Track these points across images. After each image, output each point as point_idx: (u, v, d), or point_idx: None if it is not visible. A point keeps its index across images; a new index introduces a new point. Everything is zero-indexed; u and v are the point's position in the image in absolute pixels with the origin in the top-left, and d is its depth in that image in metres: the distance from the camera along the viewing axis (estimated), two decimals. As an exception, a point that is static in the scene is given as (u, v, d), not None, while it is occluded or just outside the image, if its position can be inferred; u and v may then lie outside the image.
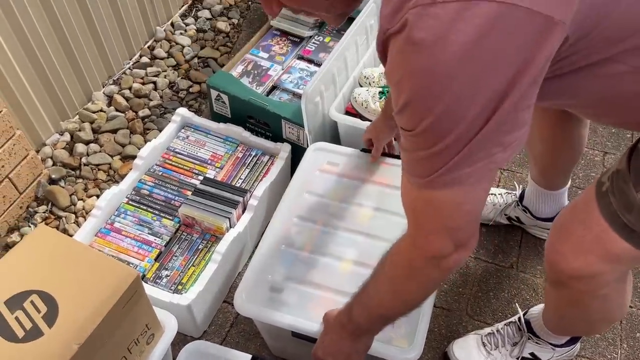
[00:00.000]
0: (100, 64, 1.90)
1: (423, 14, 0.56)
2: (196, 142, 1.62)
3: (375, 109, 1.56)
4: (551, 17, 0.56)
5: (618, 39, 0.66)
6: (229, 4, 2.30)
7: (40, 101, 1.69)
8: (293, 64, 1.83)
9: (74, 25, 1.72)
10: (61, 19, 1.67)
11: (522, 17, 0.56)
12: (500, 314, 1.43)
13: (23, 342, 0.87)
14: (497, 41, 0.57)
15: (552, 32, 0.58)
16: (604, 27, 0.64)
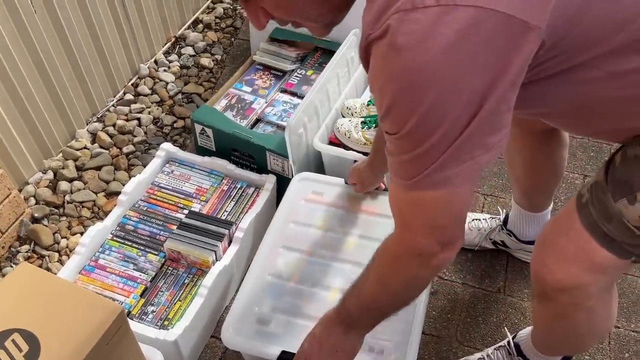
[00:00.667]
0: (84, 101, 1.91)
1: (404, 19, 0.58)
2: (181, 176, 1.61)
3: (358, 139, 1.58)
4: (527, 22, 0.58)
5: (591, 44, 0.68)
6: (212, 40, 2.33)
7: (23, 140, 1.68)
8: (276, 97, 1.84)
9: (56, 62, 1.73)
10: (43, 57, 1.67)
11: (500, 22, 0.57)
12: (489, 338, 1.42)
13: (4, 384, 0.85)
14: (476, 45, 0.58)
15: (528, 36, 0.59)
16: (578, 32, 0.65)
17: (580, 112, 0.82)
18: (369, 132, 1.57)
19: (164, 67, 2.19)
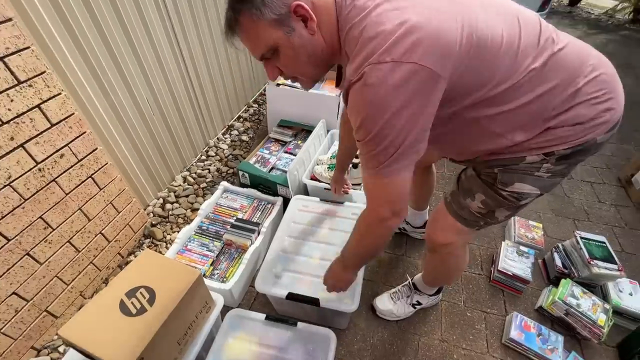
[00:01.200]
0: (179, 160, 1.91)
1: (373, 69, 0.57)
2: (231, 199, 1.61)
3: (326, 176, 1.60)
4: (440, 75, 0.58)
5: (463, 95, 0.65)
6: (248, 127, 2.35)
7: (147, 182, 1.67)
8: (282, 156, 1.86)
9: (165, 142, 1.74)
10: (159, 140, 1.69)
11: (426, 74, 0.56)
12: (399, 281, 1.42)
13: (135, 316, 0.84)
14: (412, 86, 0.57)
15: (439, 82, 0.59)
16: (458, 86, 0.63)
17: (454, 133, 0.76)
18: (331, 172, 1.60)
19: (222, 141, 2.21)
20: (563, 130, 0.70)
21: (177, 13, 1.66)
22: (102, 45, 1.31)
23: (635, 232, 1.67)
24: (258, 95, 2.66)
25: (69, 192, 1.19)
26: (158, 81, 1.62)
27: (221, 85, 2.16)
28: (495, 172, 0.79)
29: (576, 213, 1.76)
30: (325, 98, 1.89)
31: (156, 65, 1.59)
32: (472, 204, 0.85)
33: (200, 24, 1.82)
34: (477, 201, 0.84)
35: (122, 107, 1.45)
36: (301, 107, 1.95)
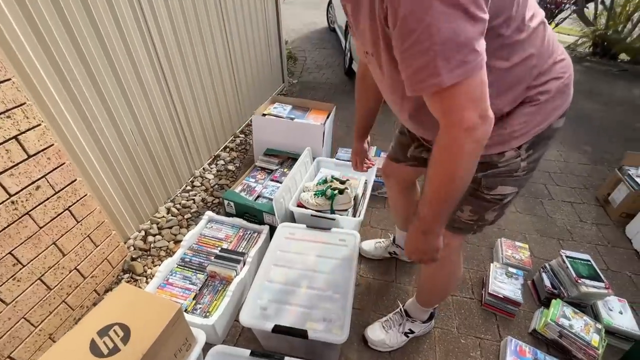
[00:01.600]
0: (162, 191, 1.87)
1: None
2: (216, 229, 1.57)
3: (312, 203, 1.59)
4: None
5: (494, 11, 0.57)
6: (234, 156, 2.36)
7: (128, 213, 1.62)
8: (268, 184, 1.85)
9: (146, 168, 1.72)
10: (142, 170, 1.66)
11: None
12: (390, 308, 1.38)
13: (107, 357, 0.77)
14: None
15: None
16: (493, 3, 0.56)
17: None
18: (317, 199, 1.59)
19: (208, 171, 2.19)
20: (532, 111, 0.73)
21: (163, 43, 1.69)
22: (86, 76, 1.31)
23: (618, 250, 1.69)
24: (245, 125, 2.69)
25: (43, 225, 1.14)
26: (143, 111, 1.62)
27: (207, 117, 2.18)
28: (478, 176, 0.82)
29: (560, 233, 1.79)
30: (310, 127, 1.92)
31: (141, 95, 1.60)
32: (462, 214, 0.88)
33: (186, 55, 1.87)
34: (466, 212, 0.87)
35: (104, 138, 1.43)
36: (287, 136, 1.97)
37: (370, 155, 2.20)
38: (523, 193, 2.07)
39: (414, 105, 0.78)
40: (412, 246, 0.79)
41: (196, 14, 1.89)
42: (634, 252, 1.68)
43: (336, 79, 3.81)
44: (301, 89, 3.53)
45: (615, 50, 4.50)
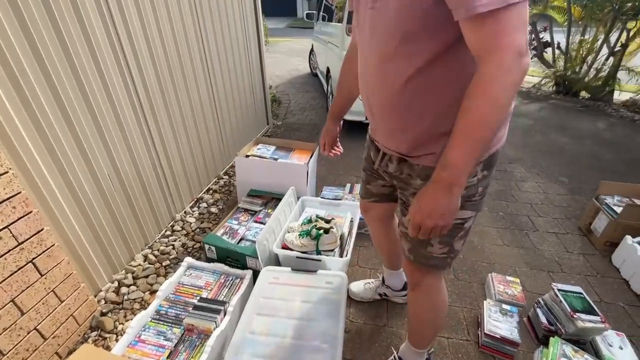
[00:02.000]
0: (140, 237, 1.78)
1: None
2: (196, 276, 1.47)
3: (297, 244, 1.54)
4: None
5: None
6: (217, 198, 2.31)
7: (99, 262, 1.51)
8: (251, 226, 1.79)
9: (124, 214, 1.64)
10: (117, 214, 1.59)
11: None
12: (383, 356, 1.29)
13: None
14: None
15: None
16: None
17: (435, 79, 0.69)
18: (302, 240, 1.54)
19: (190, 214, 2.12)
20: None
21: (145, 85, 1.70)
22: (60, 117, 1.27)
23: (608, 280, 1.67)
24: (229, 167, 2.68)
25: (1, 281, 1.04)
26: (121, 154, 1.59)
27: (190, 159, 2.15)
28: None
29: (549, 265, 1.77)
30: (294, 166, 1.92)
31: (119, 137, 1.58)
32: (433, 249, 0.87)
33: (169, 98, 1.88)
34: (436, 245, 0.86)
35: (78, 183, 1.37)
36: (270, 176, 1.96)
37: (355, 192, 2.20)
38: (508, 225, 2.08)
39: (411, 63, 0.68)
40: (429, 205, 0.65)
41: (180, 60, 1.94)
42: (624, 281, 1.66)
43: (319, 119, 3.92)
44: (285, 130, 3.60)
45: (576, 89, 4.86)
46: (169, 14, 1.81)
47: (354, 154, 3.02)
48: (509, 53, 0.54)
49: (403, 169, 0.87)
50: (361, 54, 0.84)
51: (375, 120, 0.87)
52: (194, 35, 2.05)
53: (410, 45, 0.66)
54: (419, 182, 0.84)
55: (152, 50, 1.71)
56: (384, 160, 0.93)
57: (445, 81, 0.68)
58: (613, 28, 4.41)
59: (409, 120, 0.76)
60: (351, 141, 3.28)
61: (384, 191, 1.09)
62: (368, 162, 1.07)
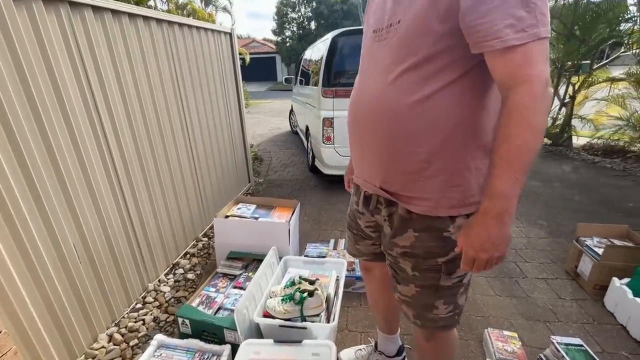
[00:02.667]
0: (106, 314, 1.59)
1: None
2: (167, 357, 1.30)
3: (280, 310, 1.42)
4: None
5: None
6: (195, 263, 2.17)
7: (58, 351, 1.31)
8: (230, 292, 1.66)
9: (88, 288, 1.49)
10: (81, 289, 1.44)
11: None
12: None
13: None
14: None
15: None
16: None
17: (450, 101, 0.67)
18: (285, 305, 1.43)
19: (164, 283, 1.96)
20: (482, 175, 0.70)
21: (119, 145, 1.65)
22: (19, 173, 1.21)
23: (605, 327, 1.60)
24: (209, 228, 2.58)
25: None
26: (90, 221, 1.49)
27: (167, 223, 2.06)
28: (438, 263, 0.78)
29: (544, 314, 1.70)
30: (275, 225, 1.86)
31: (89, 204, 1.50)
32: (439, 311, 0.82)
33: (145, 158, 1.85)
34: (441, 307, 0.82)
35: (36, 253, 1.25)
36: (251, 236, 1.88)
37: (340, 247, 2.13)
38: (497, 274, 2.03)
39: (411, 86, 0.68)
40: (481, 237, 0.63)
41: (159, 124, 1.96)
42: (621, 327, 1.60)
43: (301, 175, 3.96)
44: (267, 187, 3.59)
45: (538, 136, 5.23)
46: (149, 80, 1.87)
47: (337, 207, 3.00)
48: (540, 83, 0.56)
49: (393, 219, 0.80)
50: (361, 82, 0.81)
51: (364, 152, 0.81)
52: (174, 100, 2.10)
53: (419, 72, 0.66)
54: (412, 234, 0.77)
55: (129, 112, 1.72)
56: (369, 206, 0.86)
57: (450, 109, 0.67)
58: (560, 83, 4.93)
59: (403, 149, 0.72)
60: (333, 195, 3.28)
61: (374, 250, 1.02)
62: (353, 219, 1.02)
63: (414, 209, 0.75)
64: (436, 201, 0.72)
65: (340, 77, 3.04)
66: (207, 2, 12.19)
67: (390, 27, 0.71)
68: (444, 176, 0.71)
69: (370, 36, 0.79)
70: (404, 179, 0.74)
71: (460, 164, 0.70)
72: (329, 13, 20.77)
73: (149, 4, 3.55)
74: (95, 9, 1.49)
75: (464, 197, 0.72)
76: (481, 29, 0.57)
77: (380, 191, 0.80)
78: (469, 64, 0.64)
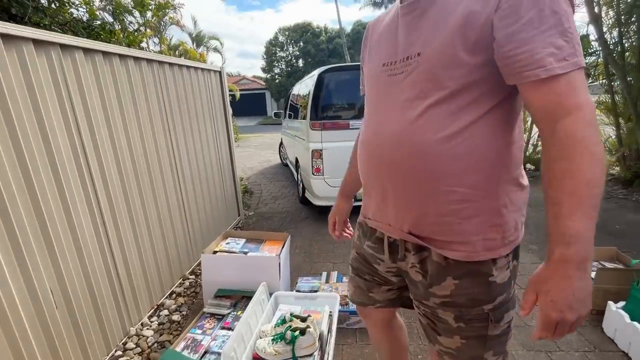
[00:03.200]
0: (82, 364, 1.48)
1: None
2: (146, 411, 1.20)
3: (270, 352, 1.33)
4: None
5: None
6: (181, 303, 2.06)
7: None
8: (218, 333, 1.57)
9: (64, 335, 1.38)
10: (56, 338, 1.33)
11: None
12: None
13: None
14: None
15: None
16: None
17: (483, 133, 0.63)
18: (276, 346, 1.35)
19: (147, 326, 1.84)
20: (519, 208, 0.68)
21: (103, 176, 1.61)
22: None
23: (607, 355, 1.56)
24: (196, 265, 2.49)
25: None
26: (69, 262, 1.42)
27: (152, 262, 1.98)
28: (484, 311, 0.69)
29: (545, 344, 1.64)
30: (265, 259, 1.81)
31: (70, 243, 1.43)
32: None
33: (131, 195, 1.81)
34: (490, 358, 0.72)
35: (9, 300, 1.16)
36: (240, 272, 1.82)
37: (332, 281, 2.07)
38: (493, 302, 1.98)
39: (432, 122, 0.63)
40: (566, 295, 0.51)
41: (147, 161, 1.95)
42: (623, 354, 1.56)
43: (292, 207, 3.94)
44: (257, 220, 3.53)
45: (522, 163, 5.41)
46: (138, 119, 1.88)
47: (328, 238, 2.96)
48: (588, 109, 0.53)
49: (426, 266, 0.71)
50: (376, 120, 0.74)
51: (388, 195, 0.73)
52: (163, 138, 2.11)
53: (447, 107, 0.62)
54: (451, 282, 0.68)
55: (117, 151, 1.71)
56: (396, 254, 0.77)
57: (483, 143, 0.62)
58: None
59: (435, 189, 0.64)
60: (324, 226, 3.25)
61: (391, 296, 0.90)
62: (365, 264, 0.89)
63: (451, 254, 0.67)
64: (475, 244, 0.65)
65: (327, 111, 3.13)
66: (198, 43, 12.74)
67: (407, 59, 0.66)
68: (482, 216, 0.64)
69: (378, 71, 0.73)
70: (438, 221, 0.66)
71: (497, 200, 0.64)
72: (315, 52, 21.88)
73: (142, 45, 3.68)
74: (86, 51, 1.53)
75: (503, 236, 0.66)
76: (522, 57, 0.54)
77: (409, 236, 0.71)
78: (499, 95, 0.61)
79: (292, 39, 23.18)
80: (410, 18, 0.67)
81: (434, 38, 0.62)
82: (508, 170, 0.64)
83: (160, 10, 3.63)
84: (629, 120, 3.88)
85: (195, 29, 12.67)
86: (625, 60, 3.85)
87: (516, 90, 0.59)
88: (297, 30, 22.81)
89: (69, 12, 2.78)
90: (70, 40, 1.42)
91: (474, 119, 0.61)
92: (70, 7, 2.81)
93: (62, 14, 2.68)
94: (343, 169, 1.04)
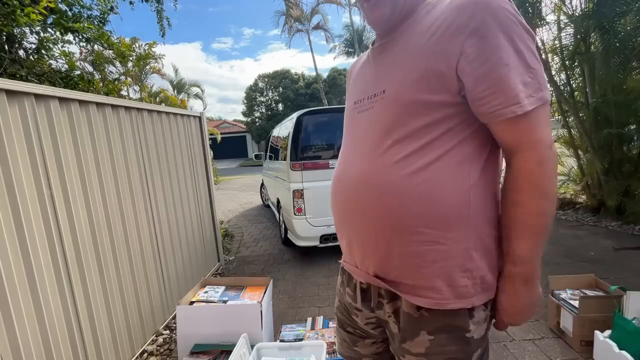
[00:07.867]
0: None
1: None
2: None
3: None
4: None
5: None
6: None
7: None
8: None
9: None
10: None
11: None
12: None
13: None
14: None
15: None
16: None
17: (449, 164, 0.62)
18: (259, 406, 1.22)
19: (114, 393, 1.64)
20: (494, 254, 0.64)
21: (71, 225, 1.52)
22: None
23: (603, 389, 1.51)
24: (171, 318, 2.30)
25: None
26: (26, 323, 1.27)
27: (122, 318, 1.82)
28: None
29: (539, 381, 1.58)
30: (245, 308, 1.71)
31: (28, 300, 1.30)
32: None
33: (102, 245, 1.70)
34: None
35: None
36: (218, 324, 1.70)
37: (318, 327, 1.96)
38: (484, 339, 1.92)
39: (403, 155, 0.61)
40: (514, 306, 0.62)
41: (121, 207, 1.87)
42: (618, 386, 1.52)
43: (274, 249, 3.83)
44: (239, 264, 3.39)
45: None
46: (113, 166, 1.84)
47: (313, 280, 2.86)
48: (545, 147, 0.55)
49: (399, 317, 0.67)
50: (345, 157, 0.73)
51: (353, 233, 0.69)
52: (139, 184, 2.06)
53: (411, 143, 0.60)
54: (425, 338, 0.63)
55: (88, 199, 1.63)
56: (370, 302, 0.72)
57: (450, 180, 0.59)
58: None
59: (399, 229, 0.61)
60: (308, 267, 3.15)
61: (378, 349, 0.82)
62: (346, 316, 0.83)
63: (419, 301, 0.62)
64: (442, 291, 0.61)
65: (307, 151, 3.19)
66: (179, 90, 13.05)
67: (374, 97, 0.66)
68: (450, 260, 0.60)
69: (350, 109, 0.75)
70: (403, 263, 0.62)
71: (467, 243, 0.60)
72: (294, 96, 22.82)
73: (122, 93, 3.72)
74: (61, 100, 1.52)
75: (474, 282, 0.61)
76: (495, 97, 0.54)
77: (375, 280, 0.66)
78: (466, 130, 0.59)
79: (271, 85, 24.19)
80: (380, 58, 0.70)
81: (398, 77, 0.63)
82: (481, 210, 0.61)
83: (141, 61, 3.72)
84: (587, 152, 4.17)
85: (176, 77, 13.04)
86: (574, 99, 4.24)
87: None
88: (276, 77, 23.92)
89: (47, 64, 2.79)
90: (45, 90, 1.42)
91: (440, 154, 0.59)
92: (50, 58, 2.84)
93: (41, 65, 2.69)
94: (325, 209, 1.04)
